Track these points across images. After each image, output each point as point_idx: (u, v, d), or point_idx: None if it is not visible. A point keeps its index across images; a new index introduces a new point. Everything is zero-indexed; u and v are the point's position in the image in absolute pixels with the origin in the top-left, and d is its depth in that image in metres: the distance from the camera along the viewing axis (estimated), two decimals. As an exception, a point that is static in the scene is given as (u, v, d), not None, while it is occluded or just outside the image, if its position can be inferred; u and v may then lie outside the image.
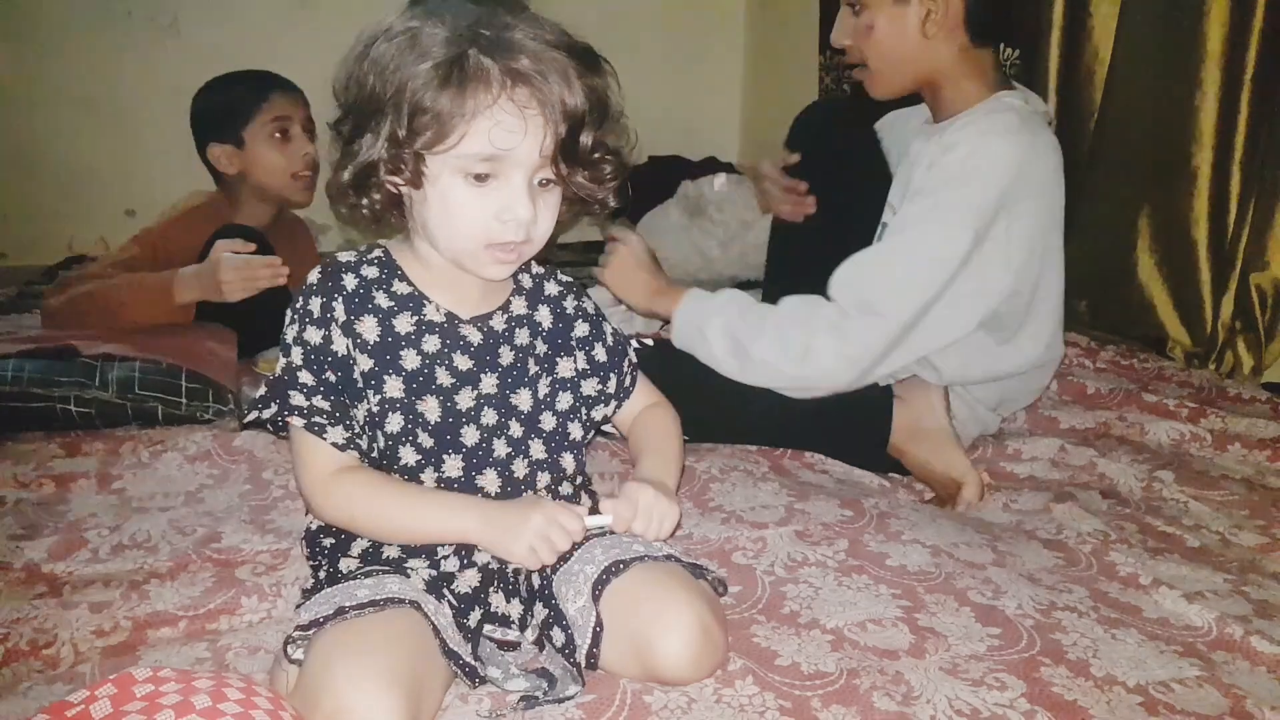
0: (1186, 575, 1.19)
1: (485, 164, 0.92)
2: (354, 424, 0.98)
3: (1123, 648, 1.02)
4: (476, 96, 0.90)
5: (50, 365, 1.63)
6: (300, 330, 0.97)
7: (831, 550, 1.20)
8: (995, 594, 1.12)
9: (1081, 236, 2.16)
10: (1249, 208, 1.85)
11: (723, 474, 1.41)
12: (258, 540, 1.23)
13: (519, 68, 0.91)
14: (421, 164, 0.93)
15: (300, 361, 0.97)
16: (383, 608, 0.88)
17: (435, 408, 0.99)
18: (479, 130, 0.90)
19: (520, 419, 1.04)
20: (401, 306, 1.00)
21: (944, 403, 1.48)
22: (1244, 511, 1.37)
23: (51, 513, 1.34)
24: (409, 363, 0.99)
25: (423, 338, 1.00)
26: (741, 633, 1.03)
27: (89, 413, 1.59)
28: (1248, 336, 1.90)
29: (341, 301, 0.98)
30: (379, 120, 0.92)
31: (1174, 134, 1.94)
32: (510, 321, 1.06)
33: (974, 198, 1.36)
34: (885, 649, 1.01)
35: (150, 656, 1.02)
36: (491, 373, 1.02)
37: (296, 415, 0.96)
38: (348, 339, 0.98)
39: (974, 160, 1.37)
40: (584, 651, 0.93)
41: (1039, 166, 1.41)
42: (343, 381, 0.97)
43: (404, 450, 0.99)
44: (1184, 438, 1.61)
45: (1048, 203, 1.44)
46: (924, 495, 1.48)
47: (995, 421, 1.62)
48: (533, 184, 0.95)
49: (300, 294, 0.99)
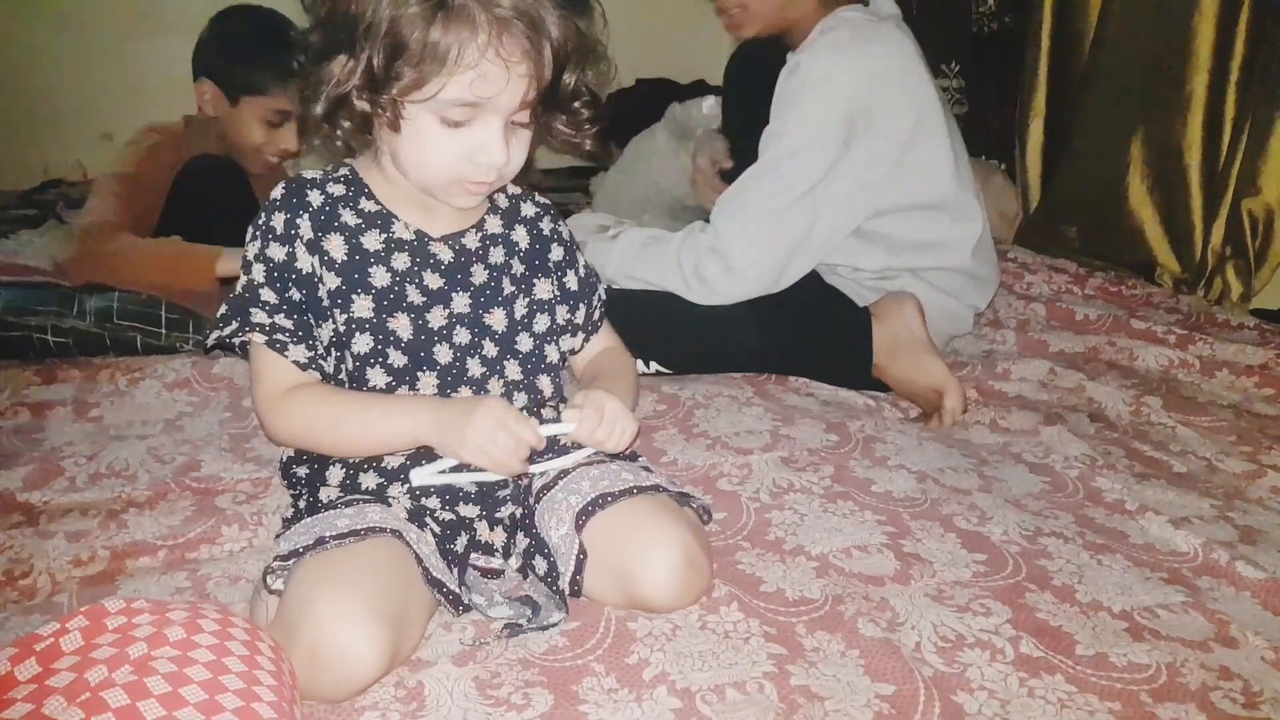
0: (1173, 501, 1.19)
1: (463, 110, 0.90)
2: (317, 343, 0.97)
3: (1108, 573, 1.02)
4: (461, 45, 0.87)
5: (27, 294, 1.60)
6: (263, 246, 0.95)
7: (817, 476, 1.20)
8: (981, 520, 1.11)
9: (1072, 162, 2.14)
10: (1243, 132, 1.82)
11: (707, 400, 1.39)
12: (238, 469, 1.21)
13: (506, 15, 0.87)
14: (400, 109, 0.90)
15: (262, 279, 0.95)
16: (364, 537, 0.87)
17: (407, 325, 0.97)
18: (461, 80, 0.88)
19: (494, 338, 1.02)
20: (369, 224, 0.98)
21: (919, 316, 1.48)
22: (1230, 438, 1.37)
23: (27, 441, 1.32)
24: (378, 280, 0.97)
25: (392, 255, 0.98)
26: (726, 559, 1.03)
27: (66, 342, 1.56)
28: (1237, 263, 1.88)
29: (308, 218, 0.96)
30: (353, 47, 0.89)
31: (1170, 57, 1.89)
32: (484, 240, 1.03)
33: (811, 115, 1.41)
34: (870, 575, 1.00)
35: (129, 586, 1.01)
36: (463, 291, 1.00)
37: (257, 332, 0.94)
38: (314, 256, 0.95)
39: (807, 81, 1.42)
40: (567, 579, 0.92)
41: (881, 67, 1.44)
42: (307, 300, 0.95)
43: (373, 371, 0.97)
44: (1172, 363, 1.61)
45: (906, 100, 1.45)
46: (910, 413, 1.48)
47: (968, 316, 1.63)
48: (508, 124, 0.93)
49: (263, 210, 0.97)
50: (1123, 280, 1.96)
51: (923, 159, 1.48)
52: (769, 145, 1.45)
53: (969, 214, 1.55)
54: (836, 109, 1.41)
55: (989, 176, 2.31)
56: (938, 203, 1.51)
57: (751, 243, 1.44)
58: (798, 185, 1.42)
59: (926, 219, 1.52)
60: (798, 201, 1.43)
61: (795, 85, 1.43)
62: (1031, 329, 1.74)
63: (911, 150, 1.46)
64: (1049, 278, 1.95)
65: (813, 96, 1.42)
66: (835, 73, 1.41)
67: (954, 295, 1.59)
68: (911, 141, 1.45)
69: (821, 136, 1.41)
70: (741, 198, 1.46)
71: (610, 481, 0.97)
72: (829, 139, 1.41)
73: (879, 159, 1.44)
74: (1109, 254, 2.07)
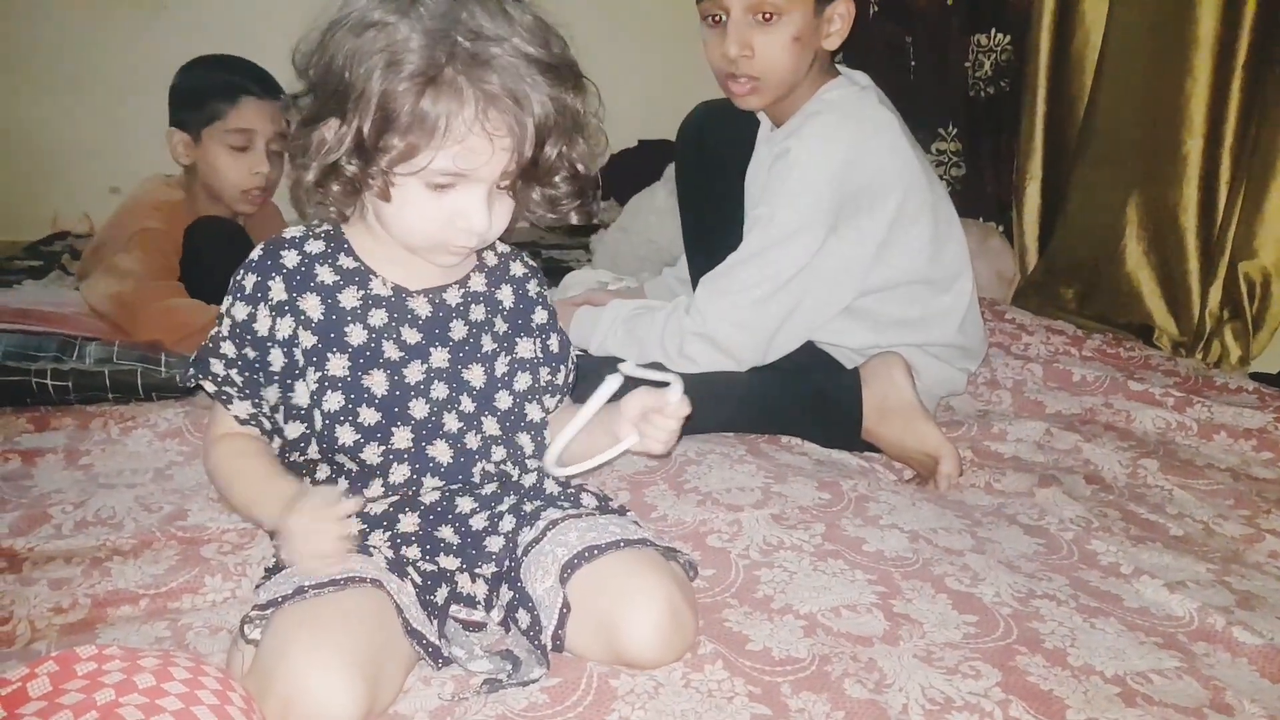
0: (1169, 564, 1.17)
1: (448, 178, 0.91)
2: (262, 403, 0.99)
3: (1101, 637, 1.00)
4: (450, 118, 0.88)
5: (27, 340, 1.61)
6: (231, 304, 0.98)
7: (808, 534, 1.18)
8: (973, 581, 1.10)
9: (1069, 224, 2.15)
10: (1239, 196, 1.84)
11: (699, 456, 1.39)
12: (224, 519, 1.20)
13: (494, 91, 0.88)
14: (390, 179, 0.91)
15: (226, 333, 0.98)
16: (343, 586, 0.86)
17: (382, 381, 0.97)
18: (448, 151, 0.89)
19: (472, 394, 1.01)
20: (347, 281, 0.99)
21: (908, 377, 1.47)
22: (1228, 501, 1.35)
23: (16, 487, 1.31)
24: (354, 338, 0.97)
25: (369, 312, 0.98)
26: (713, 617, 1.01)
27: (65, 385, 1.56)
28: (1235, 325, 1.89)
29: (281, 280, 0.97)
30: (343, 113, 0.90)
31: (1165, 121, 1.92)
32: (467, 296, 1.03)
33: (801, 202, 1.42)
34: (859, 635, 0.99)
35: (109, 635, 1.00)
36: (442, 346, 1.00)
37: (209, 381, 0.99)
38: (290, 318, 0.96)
39: (796, 167, 1.43)
40: (549, 633, 0.91)
41: (870, 148, 1.45)
42: (258, 360, 0.97)
43: (341, 430, 0.96)
44: (1170, 426, 1.60)
45: (893, 181, 1.46)
46: (904, 474, 1.46)
47: (960, 379, 1.62)
48: (491, 191, 0.94)
49: (241, 267, 0.98)
50: (1120, 342, 1.95)
51: (908, 237, 1.48)
52: (756, 230, 1.46)
53: (955, 287, 1.56)
54: (827, 195, 1.42)
55: (986, 238, 2.33)
56: (921, 278, 1.52)
57: (737, 328, 1.46)
58: (785, 271, 1.43)
59: (909, 295, 1.52)
60: (784, 287, 1.44)
61: (784, 170, 1.44)
62: (1028, 390, 1.74)
63: (897, 229, 1.46)
64: (1046, 339, 1.94)
65: (803, 183, 1.42)
66: (824, 160, 1.42)
67: (945, 361, 1.59)
68: (897, 221, 1.46)
69: (812, 223, 1.42)
70: (728, 281, 1.46)
71: (597, 534, 0.96)
72: (818, 225, 1.42)
73: (866, 239, 1.45)
74: (1106, 316, 2.08)
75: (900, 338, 1.53)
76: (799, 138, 1.44)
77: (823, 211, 1.42)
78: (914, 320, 1.54)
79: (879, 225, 1.45)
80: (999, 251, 2.32)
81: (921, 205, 1.49)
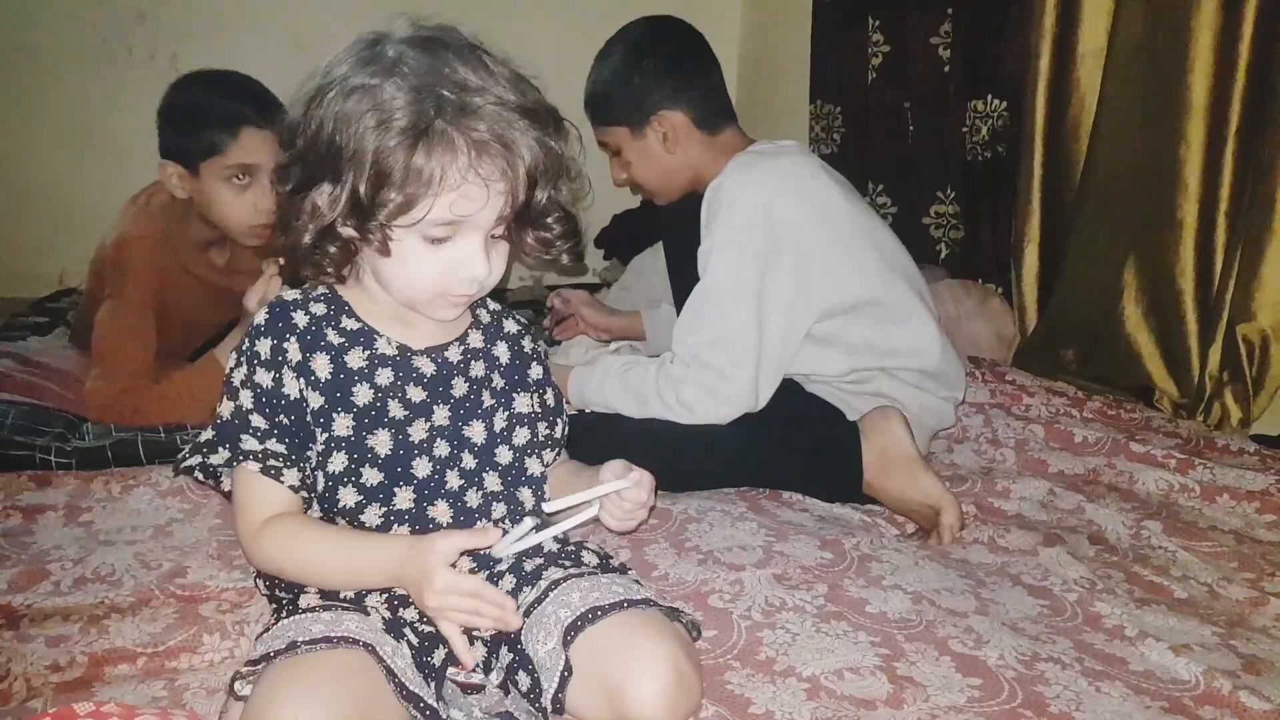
0: (1174, 627, 1.16)
1: (444, 228, 0.92)
2: (308, 466, 0.97)
3: (1106, 701, 0.99)
4: (444, 170, 0.89)
5: (34, 415, 1.63)
6: (249, 373, 0.96)
7: (810, 595, 1.18)
8: (977, 643, 1.09)
9: (1067, 286, 2.16)
10: (1235, 259, 1.85)
11: (699, 514, 1.38)
12: (224, 576, 1.20)
13: (484, 138, 0.90)
14: (389, 234, 0.92)
15: (251, 404, 0.96)
16: (336, 645, 0.85)
17: (386, 441, 0.98)
18: (444, 200, 0.90)
19: (473, 450, 1.02)
20: (353, 342, 0.99)
21: (906, 430, 1.48)
22: (1233, 564, 1.35)
23: (16, 544, 1.30)
24: (360, 398, 0.98)
25: (375, 372, 0.99)
26: (715, 679, 1.00)
27: (68, 462, 1.57)
28: (1235, 388, 1.89)
29: (295, 340, 0.97)
30: (336, 177, 0.91)
31: (1160, 185, 1.93)
32: (466, 353, 1.05)
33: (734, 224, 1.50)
34: (862, 698, 0.98)
35: (105, 694, 0.99)
36: (444, 404, 1.01)
37: (251, 460, 0.95)
38: (301, 379, 0.96)
39: (724, 198, 1.51)
40: (550, 696, 0.90)
41: (789, 174, 1.54)
42: (296, 424, 0.96)
43: (344, 491, 0.97)
44: (1172, 488, 1.59)
45: (819, 202, 1.54)
46: (906, 528, 1.46)
47: (948, 410, 1.66)
48: (487, 239, 0.95)
49: (248, 336, 0.98)
50: (1121, 404, 1.95)
51: (851, 258, 1.55)
52: (703, 265, 1.53)
53: (914, 312, 1.60)
54: (757, 217, 1.49)
55: (986, 299, 2.34)
56: (875, 299, 1.57)
57: (720, 364, 1.49)
58: (741, 296, 1.49)
59: (870, 316, 1.57)
60: (746, 316, 1.49)
61: (715, 204, 1.52)
62: (1030, 449, 1.74)
63: (837, 248, 1.53)
64: (1047, 400, 1.94)
65: (732, 209, 1.50)
66: (746, 187, 1.51)
67: (926, 390, 1.61)
68: (834, 241, 1.53)
69: (749, 243, 1.49)
70: (695, 321, 1.52)
71: (600, 594, 0.95)
72: (756, 243, 1.48)
73: (807, 261, 1.51)
74: (1107, 377, 2.08)
75: (875, 361, 1.59)
76: (724, 174, 1.54)
77: (758, 231, 1.49)
78: (881, 347, 1.58)
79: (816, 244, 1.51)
80: (999, 313, 2.33)
81: (855, 229, 1.56)
